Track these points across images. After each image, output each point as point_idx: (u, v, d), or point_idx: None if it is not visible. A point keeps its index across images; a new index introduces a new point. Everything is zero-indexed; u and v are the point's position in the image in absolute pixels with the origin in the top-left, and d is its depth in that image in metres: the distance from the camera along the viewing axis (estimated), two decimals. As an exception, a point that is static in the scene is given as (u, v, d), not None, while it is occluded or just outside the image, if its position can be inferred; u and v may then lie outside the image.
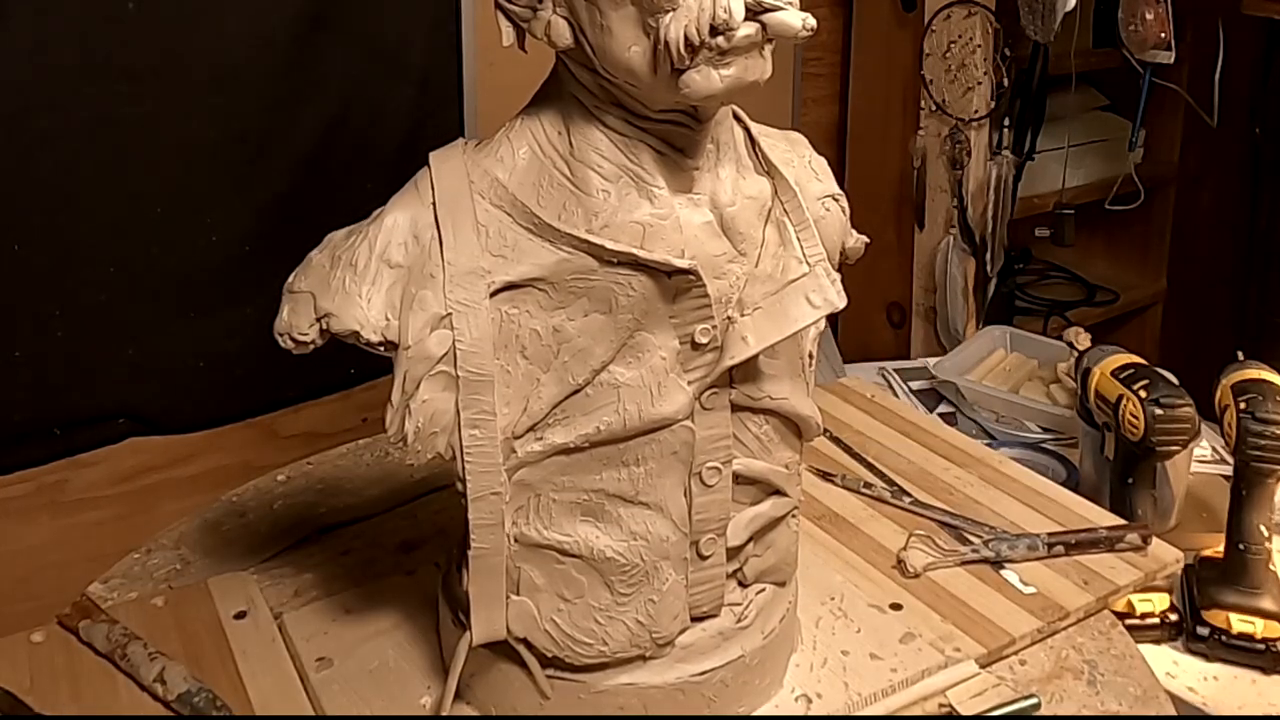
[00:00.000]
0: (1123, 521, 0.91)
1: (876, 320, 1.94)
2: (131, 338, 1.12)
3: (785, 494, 0.71)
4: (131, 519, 1.07)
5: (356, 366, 1.25)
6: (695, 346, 0.64)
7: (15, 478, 1.08)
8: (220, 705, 0.72)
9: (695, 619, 0.70)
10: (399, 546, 0.91)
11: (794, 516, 0.73)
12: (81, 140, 1.04)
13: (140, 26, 1.05)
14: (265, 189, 1.16)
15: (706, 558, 0.68)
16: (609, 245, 0.60)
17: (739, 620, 0.71)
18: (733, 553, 0.69)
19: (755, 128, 0.69)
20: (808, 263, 0.64)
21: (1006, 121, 1.71)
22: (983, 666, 0.76)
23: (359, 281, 0.63)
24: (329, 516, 0.95)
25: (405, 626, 0.80)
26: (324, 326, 0.64)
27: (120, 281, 1.10)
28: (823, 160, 0.74)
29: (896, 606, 0.81)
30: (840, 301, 0.65)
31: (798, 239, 0.65)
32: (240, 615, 0.82)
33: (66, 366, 1.09)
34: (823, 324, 0.70)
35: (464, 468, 0.63)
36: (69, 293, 1.07)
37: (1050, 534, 0.88)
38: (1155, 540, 0.89)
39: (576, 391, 0.63)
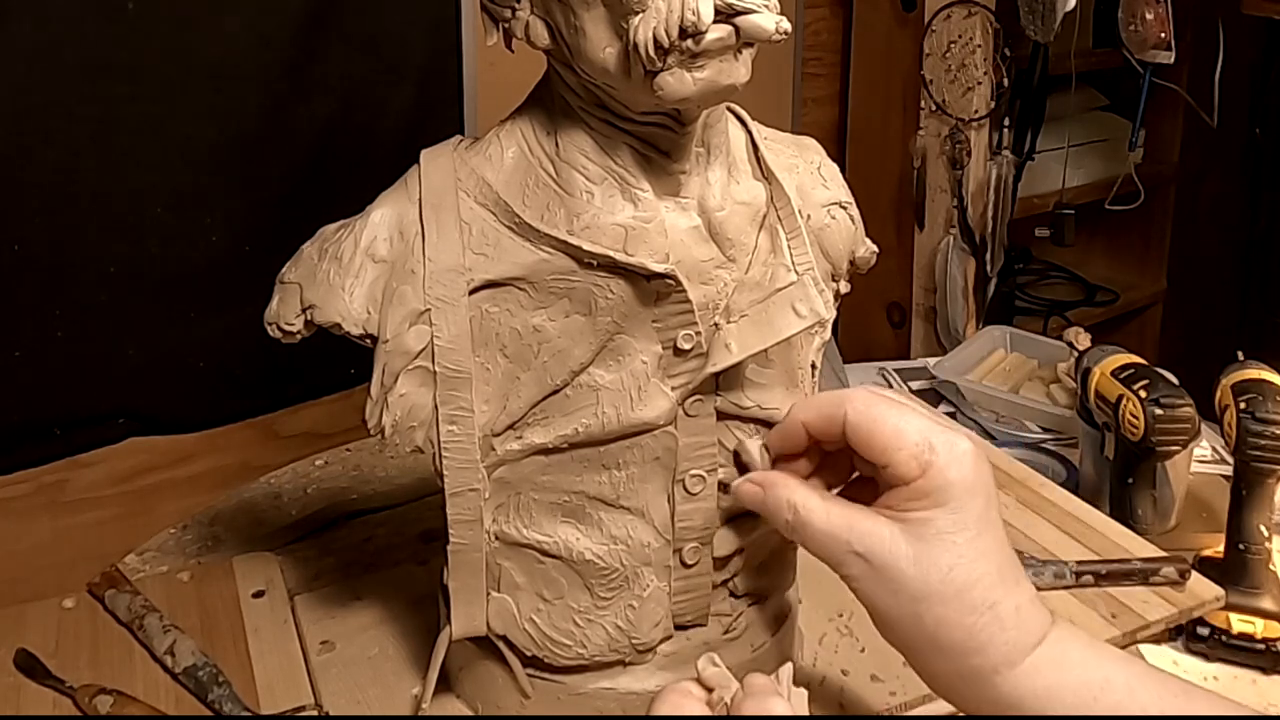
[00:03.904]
0: (1160, 553, 0.89)
1: (876, 320, 1.94)
2: (131, 338, 1.12)
3: None
4: (131, 519, 1.06)
5: (356, 366, 1.25)
6: (678, 352, 0.63)
7: (15, 478, 1.07)
8: (223, 681, 0.74)
9: (681, 628, 0.69)
10: (420, 536, 0.93)
11: None
12: (81, 140, 1.04)
13: (140, 26, 1.04)
14: (265, 189, 1.16)
15: (690, 566, 0.67)
16: (586, 246, 0.60)
17: (727, 631, 0.70)
18: (721, 563, 0.68)
19: (762, 131, 0.69)
20: (796, 271, 0.64)
21: (1006, 121, 1.71)
22: (991, 696, 0.75)
23: (343, 275, 0.64)
24: (359, 503, 0.99)
25: (410, 616, 0.80)
26: (309, 318, 0.64)
27: (120, 281, 1.09)
28: (834, 167, 0.73)
29: (908, 629, 0.80)
30: (826, 313, 0.64)
31: (788, 247, 0.65)
32: (258, 594, 0.85)
33: (66, 366, 1.09)
34: (826, 334, 0.69)
35: (442, 463, 0.64)
36: (69, 293, 1.07)
37: (1080, 562, 0.86)
38: (1195, 576, 0.86)
39: (555, 392, 0.63)
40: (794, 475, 0.63)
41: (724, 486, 0.67)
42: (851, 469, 0.64)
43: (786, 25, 0.55)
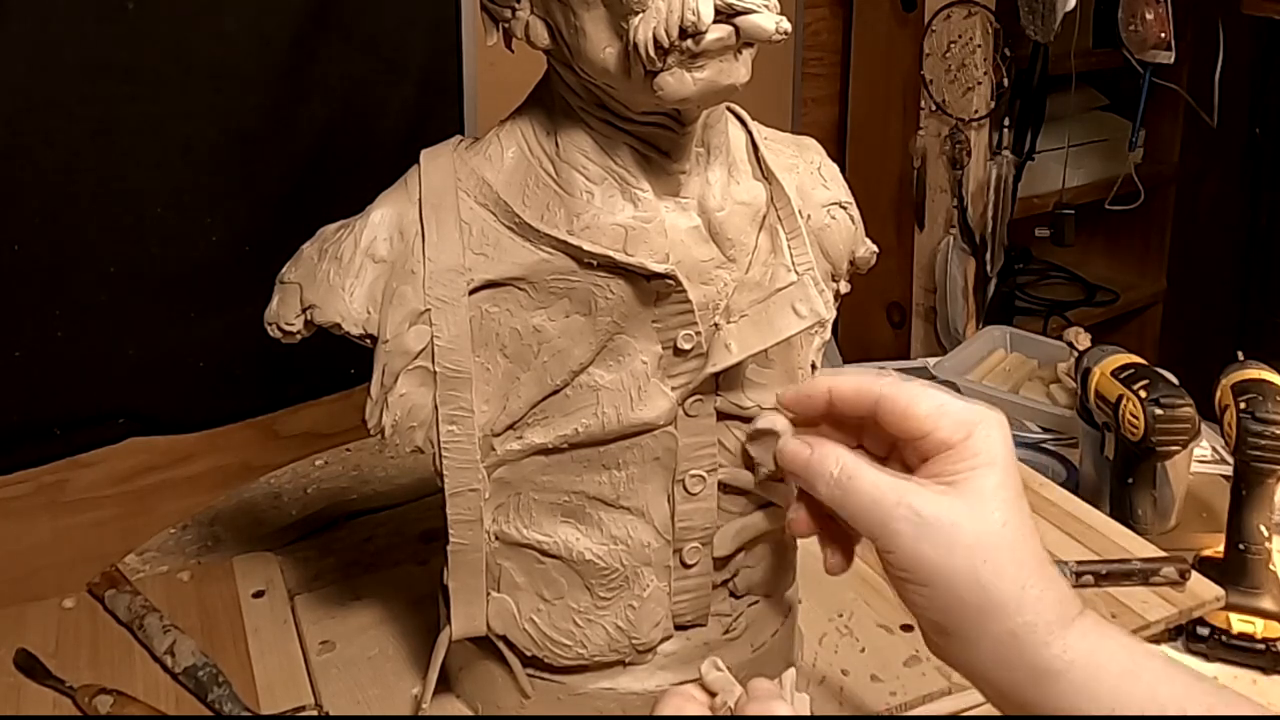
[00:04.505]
0: (1160, 553, 0.89)
1: (876, 320, 1.94)
2: (131, 338, 1.12)
3: (779, 506, 0.69)
4: (131, 519, 1.06)
5: (356, 366, 1.25)
6: (678, 352, 0.63)
7: (15, 478, 1.07)
8: (223, 681, 0.74)
9: (681, 628, 0.69)
10: (420, 536, 0.93)
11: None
12: (81, 140, 1.04)
13: (140, 26, 1.04)
14: (265, 189, 1.16)
15: (690, 566, 0.67)
16: (586, 246, 0.60)
17: (727, 632, 0.70)
18: (721, 563, 0.68)
19: (762, 132, 0.69)
20: (796, 271, 0.64)
21: (1006, 121, 1.71)
22: (990, 696, 0.75)
23: (343, 275, 0.64)
24: (358, 503, 0.99)
25: (410, 616, 0.80)
26: (309, 318, 0.65)
27: (120, 281, 1.09)
28: (834, 167, 0.73)
29: (907, 628, 0.80)
30: (827, 313, 0.64)
31: (788, 247, 0.65)
32: (258, 594, 0.85)
33: (66, 366, 1.09)
34: (826, 334, 0.69)
35: (442, 463, 0.64)
36: (69, 293, 1.07)
37: (1079, 562, 0.86)
38: (1195, 576, 0.86)
39: (555, 392, 0.63)
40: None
41: (724, 486, 0.67)
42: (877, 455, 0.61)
43: (786, 25, 0.55)
